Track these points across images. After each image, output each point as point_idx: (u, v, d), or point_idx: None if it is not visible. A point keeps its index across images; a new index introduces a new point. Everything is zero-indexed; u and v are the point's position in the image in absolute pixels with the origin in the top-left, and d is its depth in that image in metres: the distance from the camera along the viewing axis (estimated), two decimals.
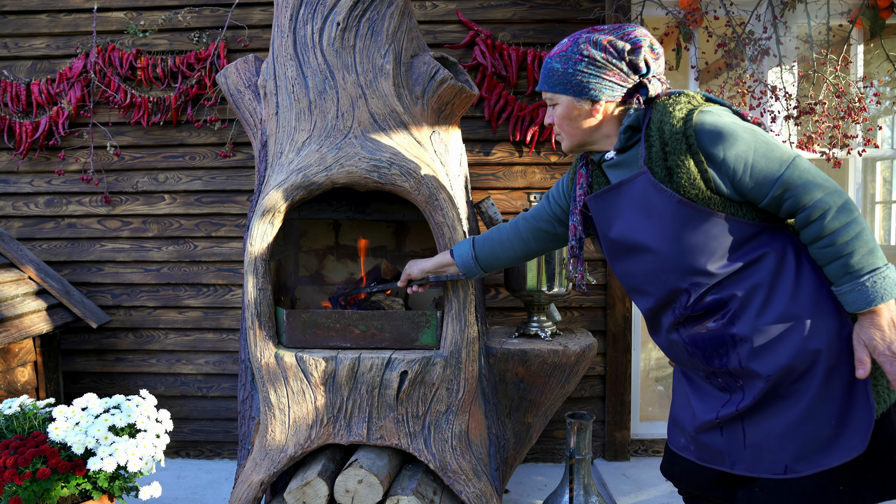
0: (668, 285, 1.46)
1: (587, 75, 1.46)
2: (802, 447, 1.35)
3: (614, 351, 3.08)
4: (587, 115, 1.50)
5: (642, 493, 2.77)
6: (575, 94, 1.48)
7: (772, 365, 1.36)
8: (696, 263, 1.40)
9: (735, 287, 1.39)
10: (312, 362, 2.08)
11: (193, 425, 3.25)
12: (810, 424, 1.34)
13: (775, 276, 1.36)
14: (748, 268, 1.38)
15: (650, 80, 1.44)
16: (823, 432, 1.34)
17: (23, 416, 2.11)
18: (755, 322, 1.37)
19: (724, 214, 1.37)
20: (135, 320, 3.22)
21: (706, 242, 1.38)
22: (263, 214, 2.07)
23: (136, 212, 3.19)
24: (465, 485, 2.10)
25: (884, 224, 4.72)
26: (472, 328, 2.12)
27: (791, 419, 1.36)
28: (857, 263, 1.27)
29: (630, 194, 1.47)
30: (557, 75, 1.49)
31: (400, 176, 2.06)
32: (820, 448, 1.34)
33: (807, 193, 1.29)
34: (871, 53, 3.20)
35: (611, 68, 1.44)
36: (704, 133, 1.34)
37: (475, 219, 2.54)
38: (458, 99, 2.35)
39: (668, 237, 1.41)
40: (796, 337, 1.34)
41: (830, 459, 1.33)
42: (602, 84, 1.46)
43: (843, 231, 1.27)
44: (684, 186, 1.37)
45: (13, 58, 3.19)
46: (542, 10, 3.06)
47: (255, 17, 3.11)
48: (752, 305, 1.37)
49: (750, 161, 1.32)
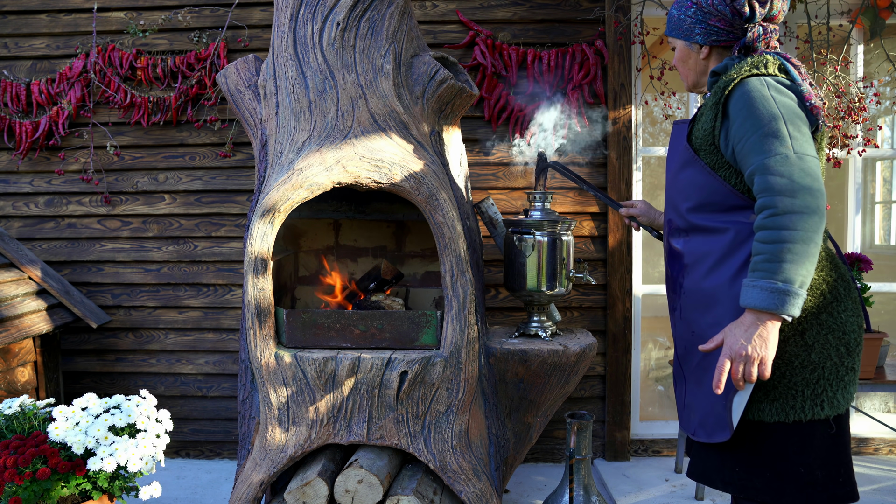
0: (667, 210, 1.66)
1: (694, 21, 1.57)
2: (704, 416, 1.50)
3: (614, 351, 3.08)
4: (696, 58, 1.62)
5: (642, 493, 2.77)
6: (686, 38, 1.60)
7: (696, 324, 1.53)
8: (675, 198, 1.59)
9: (693, 245, 1.54)
10: (312, 362, 2.08)
11: (193, 425, 3.25)
12: (710, 397, 1.47)
13: (726, 254, 1.46)
14: (708, 233, 1.50)
15: (754, 26, 1.51)
16: (717, 408, 1.45)
17: (23, 416, 2.11)
18: (698, 283, 1.51)
19: (713, 172, 1.47)
20: (135, 320, 3.22)
21: (688, 187, 1.54)
22: (263, 214, 2.07)
23: (136, 212, 3.19)
24: (465, 485, 2.10)
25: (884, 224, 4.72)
26: (472, 328, 2.12)
27: (705, 387, 1.50)
28: (768, 268, 1.30)
29: (678, 131, 1.65)
30: (673, 21, 1.63)
31: (400, 176, 2.06)
32: (714, 422, 1.46)
33: (773, 184, 1.31)
34: (871, 53, 3.20)
35: (715, 14, 1.53)
36: (736, 95, 1.42)
37: (475, 219, 2.54)
38: (458, 99, 2.35)
39: (672, 170, 1.61)
40: (718, 312, 1.46)
41: (716, 436, 1.46)
42: (708, 29, 1.55)
43: (778, 233, 1.29)
44: (696, 133, 1.52)
45: (13, 58, 3.19)
46: (542, 10, 3.06)
47: (255, 17, 3.11)
48: (698, 269, 1.52)
49: (751, 136, 1.37)
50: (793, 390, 1.40)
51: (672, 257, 1.64)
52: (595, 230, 3.10)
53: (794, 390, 1.40)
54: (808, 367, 1.40)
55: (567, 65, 3.01)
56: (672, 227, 1.63)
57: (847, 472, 1.42)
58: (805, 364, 1.40)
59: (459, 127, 2.57)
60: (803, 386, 1.40)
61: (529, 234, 2.35)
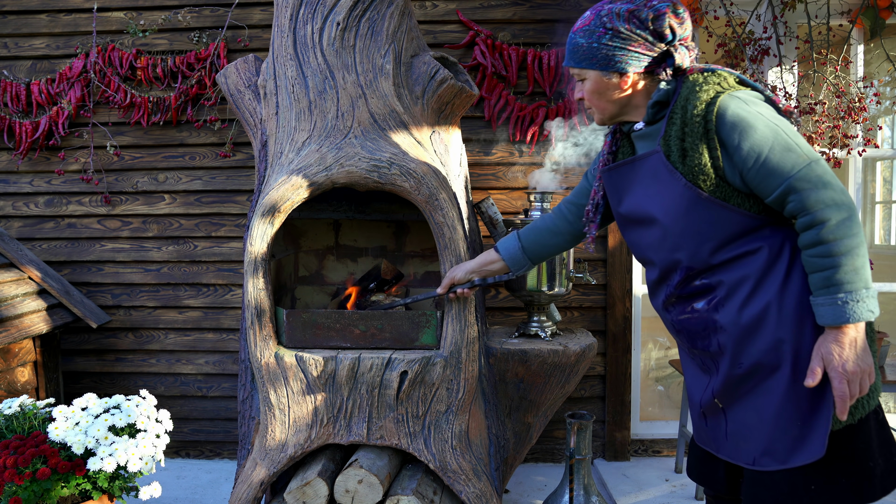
0: (670, 257, 1.49)
1: (612, 48, 1.44)
2: (770, 442, 1.39)
3: (614, 351, 3.08)
4: (616, 88, 1.49)
5: (642, 493, 2.77)
6: (602, 68, 1.47)
7: (745, 355, 1.40)
8: (693, 244, 1.43)
9: (724, 274, 1.42)
10: (312, 362, 2.08)
11: (193, 425, 3.25)
12: (779, 421, 1.37)
13: (765, 272, 1.38)
14: (741, 258, 1.40)
15: (676, 48, 1.43)
16: (791, 431, 1.36)
17: (23, 416, 2.11)
18: (737, 314, 1.40)
19: (727, 204, 1.38)
20: (135, 320, 3.22)
21: (706, 227, 1.41)
22: (263, 214, 2.07)
23: (136, 212, 3.19)
24: (465, 485, 2.10)
25: (884, 224, 4.72)
26: (472, 328, 2.12)
27: (763, 413, 1.40)
28: (839, 280, 1.27)
29: (642, 170, 1.49)
30: (583, 50, 1.48)
31: (400, 176, 2.06)
32: (787, 446, 1.37)
33: (810, 199, 1.28)
34: (871, 53, 3.20)
35: (636, 39, 1.42)
36: (725, 120, 1.34)
37: (475, 219, 2.53)
38: (458, 99, 2.35)
39: (673, 215, 1.44)
40: (772, 333, 1.36)
41: (795, 459, 1.36)
42: (628, 55, 1.44)
43: (836, 245, 1.26)
44: (694, 171, 1.38)
45: (13, 58, 3.19)
46: (542, 10, 3.06)
47: (255, 17, 3.11)
48: (737, 296, 1.40)
49: (763, 156, 1.31)
50: None
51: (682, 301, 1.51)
52: None
53: None
54: None
55: None
56: (686, 274, 1.47)
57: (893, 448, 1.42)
58: None
59: (459, 127, 2.57)
60: None
61: None
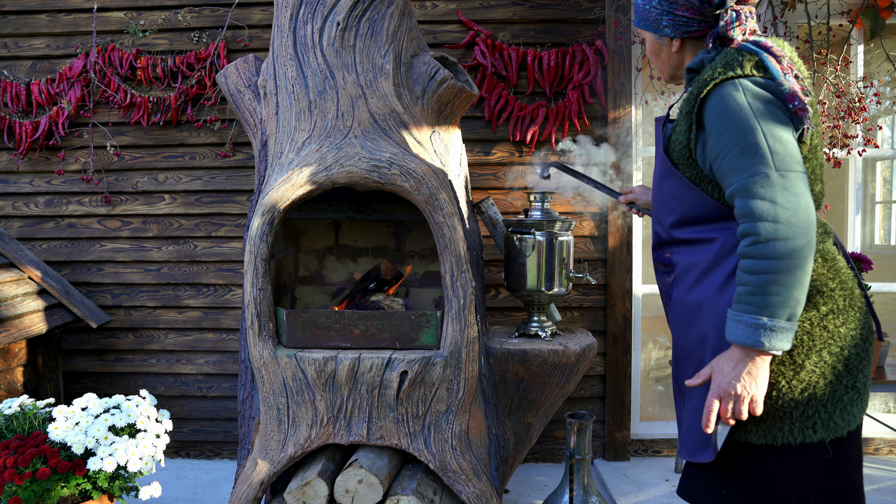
0: (654, 219, 1.57)
1: (661, 12, 1.45)
2: (688, 433, 1.42)
3: (614, 351, 3.08)
4: (667, 50, 1.50)
5: (642, 493, 2.77)
6: (654, 30, 1.49)
7: (684, 338, 1.45)
8: (660, 212, 1.51)
9: (680, 256, 1.47)
10: (312, 362, 2.08)
11: (193, 425, 3.25)
12: (695, 415, 1.40)
13: (713, 264, 1.38)
14: (696, 244, 1.43)
15: (725, 13, 1.37)
16: (700, 428, 1.37)
17: (23, 416, 2.11)
18: (681, 297, 1.45)
19: (693, 185, 1.39)
20: (135, 320, 3.22)
21: (671, 200, 1.45)
22: (263, 214, 2.07)
23: (136, 212, 3.19)
24: (465, 485, 2.10)
25: (884, 224, 4.72)
26: (472, 328, 2.12)
27: (690, 404, 1.43)
28: (752, 301, 1.20)
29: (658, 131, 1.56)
30: (640, 11, 1.50)
31: (400, 176, 2.06)
32: (697, 441, 1.38)
33: (749, 208, 1.21)
34: (871, 53, 3.20)
35: (682, 3, 1.42)
36: (710, 104, 1.31)
37: (475, 219, 2.53)
38: (458, 99, 2.35)
39: (655, 181, 1.52)
40: (702, 325, 1.39)
41: (700, 456, 1.37)
42: (675, 20, 1.44)
43: (757, 263, 1.19)
44: (673, 144, 1.42)
45: (13, 58, 3.19)
46: (542, 10, 3.06)
47: (255, 17, 3.11)
48: (685, 280, 1.45)
49: (727, 151, 1.26)
50: (780, 412, 1.28)
51: (659, 271, 1.56)
52: (595, 230, 3.10)
53: (780, 412, 1.28)
54: (796, 387, 1.28)
55: (567, 65, 3.01)
56: (658, 239, 1.54)
57: (851, 498, 1.29)
58: (793, 384, 1.28)
59: (459, 127, 2.57)
60: (791, 408, 1.28)
61: (529, 234, 2.35)
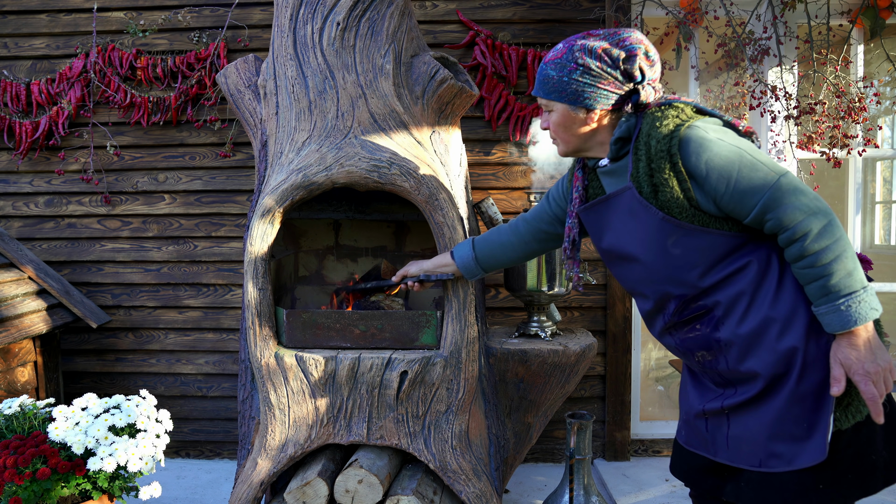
0: (661, 289, 1.49)
1: (582, 84, 1.46)
2: (775, 444, 1.39)
3: (614, 351, 3.08)
4: (582, 123, 1.51)
5: (642, 493, 2.77)
6: (570, 102, 1.49)
7: (758, 366, 1.40)
8: (681, 274, 1.44)
9: (720, 294, 1.42)
10: (312, 362, 2.08)
11: (193, 425, 3.25)
12: (784, 423, 1.38)
13: (758, 285, 1.39)
14: (732, 276, 1.41)
15: (644, 87, 1.45)
16: (795, 433, 1.37)
17: (23, 416, 2.11)
18: (736, 328, 1.41)
19: (708, 228, 1.39)
20: (135, 320, 3.22)
21: (691, 255, 1.42)
22: (263, 214, 2.07)
23: (136, 212, 3.19)
24: (465, 485, 2.10)
25: (884, 224, 4.72)
26: (472, 328, 2.12)
27: (768, 416, 1.40)
28: (835, 286, 1.28)
29: (617, 207, 1.50)
30: (552, 83, 1.50)
31: (400, 176, 2.06)
32: (792, 448, 1.37)
33: (788, 215, 1.29)
34: (871, 53, 3.20)
35: (606, 77, 1.44)
36: (688, 151, 1.35)
37: (475, 219, 2.53)
38: (458, 99, 2.35)
39: (654, 250, 1.45)
40: (773, 340, 1.37)
41: (800, 461, 1.36)
42: (597, 93, 1.46)
43: (823, 254, 1.28)
44: (668, 204, 1.39)
45: (13, 58, 3.19)
46: (542, 10, 3.06)
47: (255, 17, 3.11)
48: (735, 312, 1.41)
49: (733, 180, 1.32)
50: (850, 394, 1.36)
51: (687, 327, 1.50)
52: None
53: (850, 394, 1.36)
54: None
55: None
56: (682, 299, 1.47)
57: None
58: None
59: (459, 127, 2.57)
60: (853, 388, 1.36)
61: None
